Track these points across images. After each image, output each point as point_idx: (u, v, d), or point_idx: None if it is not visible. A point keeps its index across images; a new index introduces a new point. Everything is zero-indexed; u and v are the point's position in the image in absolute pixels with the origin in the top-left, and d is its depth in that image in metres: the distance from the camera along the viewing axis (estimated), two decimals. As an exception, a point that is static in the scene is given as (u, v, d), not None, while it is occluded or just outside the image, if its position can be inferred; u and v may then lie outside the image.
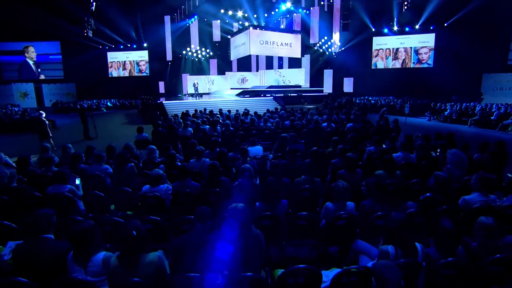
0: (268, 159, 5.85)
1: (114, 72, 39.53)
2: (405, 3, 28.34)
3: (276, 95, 25.37)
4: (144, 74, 39.27)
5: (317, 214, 3.52)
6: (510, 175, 4.39)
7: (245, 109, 13.59)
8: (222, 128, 8.97)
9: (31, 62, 36.70)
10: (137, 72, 39.43)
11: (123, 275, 2.17)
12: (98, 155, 5.09)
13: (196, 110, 13.98)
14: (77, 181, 4.66)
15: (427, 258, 2.39)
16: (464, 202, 3.33)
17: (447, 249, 2.36)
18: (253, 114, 12.04)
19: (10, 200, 3.95)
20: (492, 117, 14.66)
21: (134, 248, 2.19)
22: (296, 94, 27.55)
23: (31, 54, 36.63)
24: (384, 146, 6.36)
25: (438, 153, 5.56)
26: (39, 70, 37.05)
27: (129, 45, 38.09)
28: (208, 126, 9.18)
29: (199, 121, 9.87)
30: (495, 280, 2.27)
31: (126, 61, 39.26)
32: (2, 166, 4.31)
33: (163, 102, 19.78)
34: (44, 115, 11.58)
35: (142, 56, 38.84)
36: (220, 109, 13.90)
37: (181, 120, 10.02)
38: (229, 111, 13.45)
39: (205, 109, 14.24)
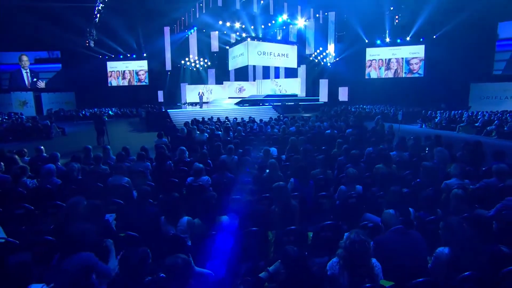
0: (282, 160, 6.79)
1: (113, 81, 40.03)
2: (396, 16, 29.75)
3: (274, 104, 26.31)
4: (143, 83, 39.81)
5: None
6: (484, 168, 5.38)
7: (250, 117, 14.58)
8: (234, 133, 9.94)
9: (23, 71, 37.12)
10: (136, 81, 39.97)
11: (205, 230, 3.08)
12: (140, 154, 6.00)
13: (203, 118, 14.88)
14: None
15: (417, 218, 3.35)
16: (445, 185, 4.29)
17: (429, 211, 3.34)
18: (258, 122, 13.02)
19: (78, 189, 4.84)
20: (477, 124, 15.86)
21: (213, 211, 3.11)
22: (293, 103, 28.34)
23: (24, 63, 37.05)
24: (381, 147, 7.34)
25: (426, 151, 6.58)
26: (34, 79, 37.41)
27: (128, 55, 38.77)
28: (221, 132, 10.15)
29: (213, 127, 10.85)
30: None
31: (126, 70, 39.83)
32: (72, 163, 5.19)
33: (168, 110, 20.63)
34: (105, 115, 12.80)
35: (141, 65, 39.52)
36: (227, 117, 14.85)
37: (195, 127, 10.94)
38: (236, 118, 14.37)
39: (212, 117, 15.17)
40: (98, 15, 28.48)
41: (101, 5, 27.15)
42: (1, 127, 17.33)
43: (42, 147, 6.97)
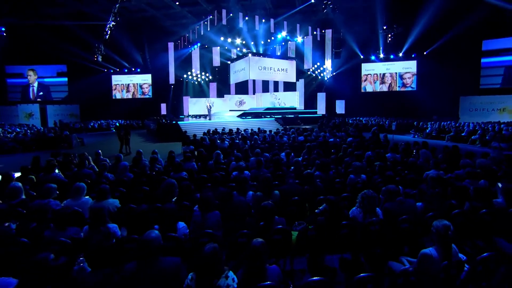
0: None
1: (117, 94, 41.13)
2: (389, 35, 31.79)
3: (275, 116, 27.83)
4: (147, 96, 40.91)
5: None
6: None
7: (259, 128, 16.16)
8: (251, 142, 11.51)
9: (31, 86, 38.56)
10: (140, 94, 41.06)
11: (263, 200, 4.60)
12: (187, 156, 7.52)
13: (216, 129, 16.40)
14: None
15: (405, 193, 4.91)
16: (426, 175, 5.84)
17: (413, 188, 4.93)
18: (268, 132, 14.59)
19: (148, 182, 6.32)
20: (463, 134, 17.56)
21: (269, 188, 4.66)
22: (292, 116, 29.64)
23: (31, 79, 38.46)
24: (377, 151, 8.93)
25: (414, 153, 8.18)
26: (40, 93, 38.71)
27: (133, 69, 40.01)
28: (239, 141, 11.73)
29: (233, 136, 12.46)
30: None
31: (130, 83, 40.94)
32: (144, 160, 6.68)
33: (179, 123, 22.08)
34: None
35: (145, 79, 40.65)
36: (238, 128, 16.42)
37: (216, 136, 12.52)
38: (247, 129, 15.87)
39: (224, 128, 16.71)
40: (109, 32, 29.87)
41: (112, 23, 28.67)
42: (26, 137, 18.65)
43: (99, 150, 8.46)
